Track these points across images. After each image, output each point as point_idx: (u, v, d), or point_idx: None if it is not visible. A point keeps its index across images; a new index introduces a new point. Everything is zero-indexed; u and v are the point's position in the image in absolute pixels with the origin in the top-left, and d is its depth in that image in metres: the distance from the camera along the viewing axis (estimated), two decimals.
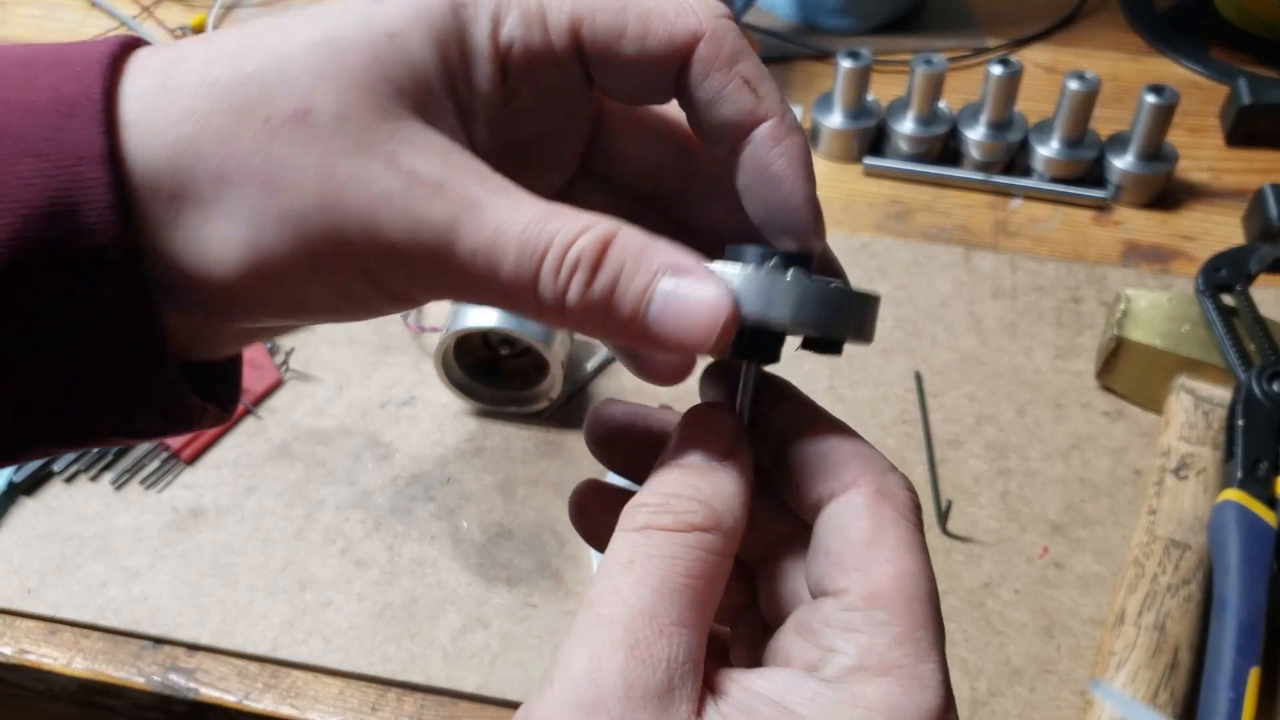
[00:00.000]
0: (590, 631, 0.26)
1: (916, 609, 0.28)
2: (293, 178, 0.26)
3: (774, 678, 0.28)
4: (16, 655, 0.55)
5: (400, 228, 0.26)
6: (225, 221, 0.26)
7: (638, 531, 0.28)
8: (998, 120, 0.79)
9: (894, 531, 0.28)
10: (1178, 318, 0.63)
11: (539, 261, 0.26)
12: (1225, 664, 0.49)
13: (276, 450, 0.63)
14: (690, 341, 0.27)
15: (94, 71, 0.26)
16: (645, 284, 0.26)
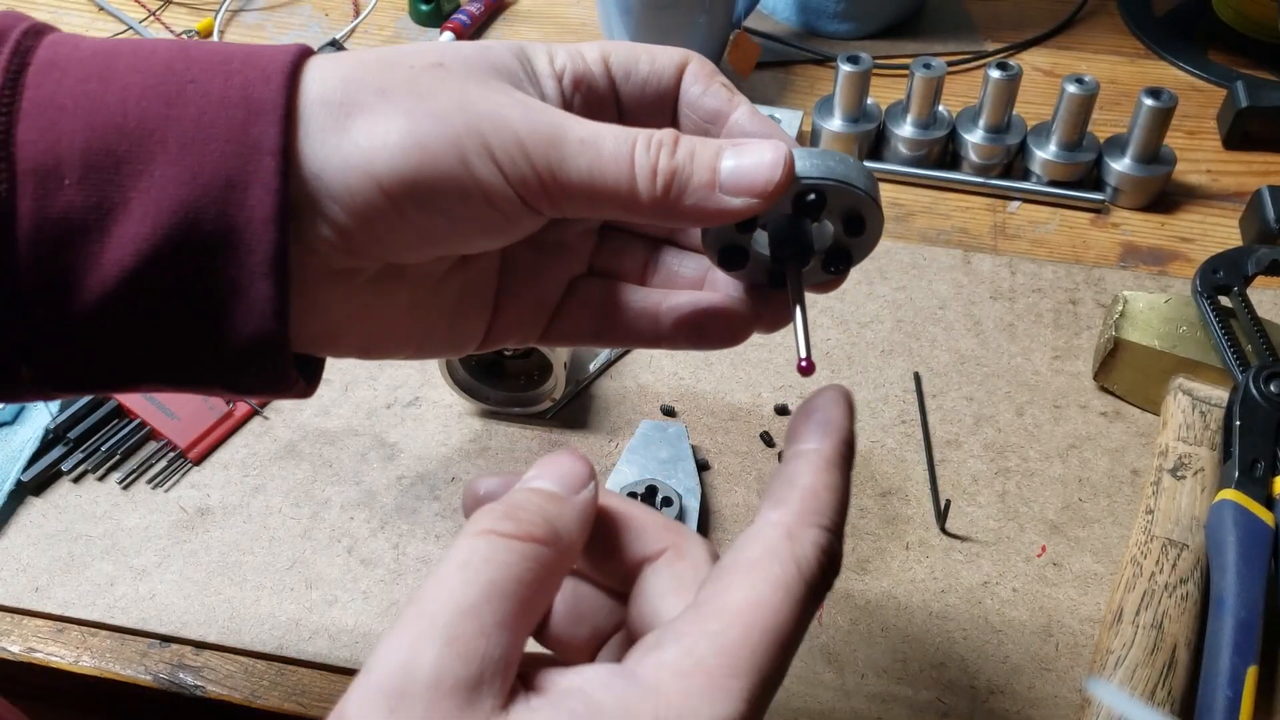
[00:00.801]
0: (412, 623, 0.27)
1: (753, 636, 0.28)
2: (439, 93, 0.32)
3: (589, 672, 0.29)
4: (24, 653, 0.56)
5: (524, 122, 0.32)
6: (387, 118, 0.32)
7: (479, 535, 0.29)
8: (996, 124, 0.79)
9: (777, 569, 0.29)
10: (1175, 319, 0.64)
11: (632, 145, 0.32)
12: (1223, 663, 0.50)
13: (283, 450, 0.64)
14: (761, 183, 0.32)
15: (278, 78, 0.32)
16: (715, 151, 0.33)
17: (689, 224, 0.34)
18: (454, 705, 0.26)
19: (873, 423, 0.65)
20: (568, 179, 0.32)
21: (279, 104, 0.31)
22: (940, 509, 0.60)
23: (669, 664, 0.28)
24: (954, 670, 0.54)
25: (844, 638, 0.55)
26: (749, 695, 0.28)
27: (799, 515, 0.31)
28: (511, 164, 0.32)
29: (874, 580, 0.57)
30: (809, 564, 0.30)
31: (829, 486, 0.31)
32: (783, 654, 0.29)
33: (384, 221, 0.32)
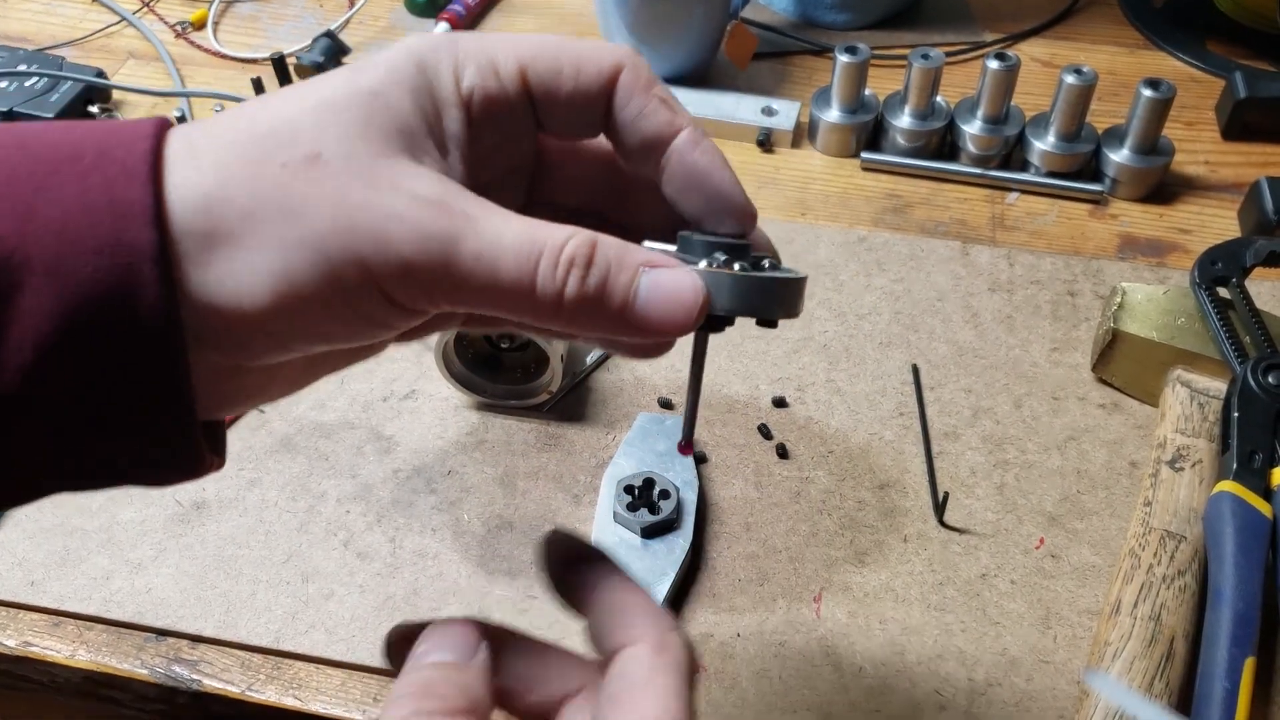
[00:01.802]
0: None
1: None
2: (311, 208, 0.29)
3: None
4: (20, 647, 0.56)
5: (409, 240, 0.29)
6: (254, 253, 0.29)
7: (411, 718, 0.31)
8: (994, 114, 0.79)
9: (664, 679, 0.32)
10: (1173, 310, 0.64)
11: (535, 261, 0.30)
12: (1220, 654, 0.50)
13: (279, 444, 0.63)
14: (674, 323, 0.31)
15: (142, 171, 0.29)
16: (631, 277, 0.31)
17: (593, 339, 0.33)
18: None
19: (870, 415, 0.65)
20: (459, 294, 0.30)
21: (148, 205, 0.28)
22: (938, 501, 0.60)
23: None
24: (952, 662, 0.54)
25: (842, 630, 0.55)
26: None
27: (654, 629, 0.33)
28: (394, 286, 0.30)
29: (872, 573, 0.57)
30: (684, 665, 0.33)
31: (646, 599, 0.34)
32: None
33: (260, 343, 0.31)
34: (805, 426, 0.64)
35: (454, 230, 0.29)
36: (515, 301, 0.30)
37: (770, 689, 0.53)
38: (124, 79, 0.90)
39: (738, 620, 0.56)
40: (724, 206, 0.35)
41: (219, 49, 0.93)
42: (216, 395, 0.33)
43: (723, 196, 0.35)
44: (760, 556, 0.58)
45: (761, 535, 0.59)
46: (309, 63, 0.88)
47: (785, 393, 0.66)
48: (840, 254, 0.74)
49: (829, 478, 0.62)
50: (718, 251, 0.33)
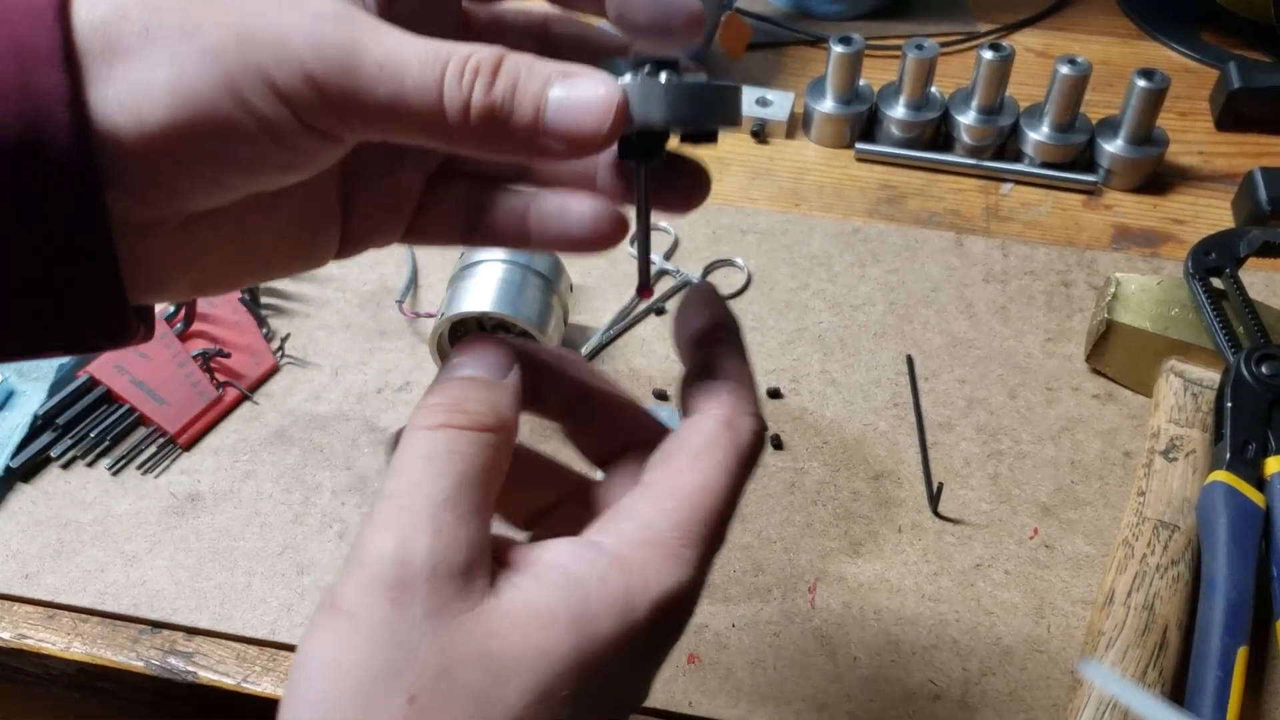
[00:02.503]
0: (395, 518, 0.30)
1: (702, 514, 0.32)
2: (209, 22, 0.28)
3: (558, 546, 0.32)
4: (15, 639, 0.55)
5: (309, 48, 0.28)
6: (151, 66, 0.28)
7: (434, 430, 0.31)
8: (989, 105, 0.79)
9: (719, 455, 0.33)
10: (1167, 301, 0.64)
11: (441, 71, 0.29)
12: (1213, 643, 0.50)
13: (274, 435, 0.63)
14: (589, 131, 0.29)
15: (47, 13, 0.28)
16: (541, 85, 0.29)
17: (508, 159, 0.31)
18: (452, 591, 0.29)
19: (865, 406, 0.65)
20: (365, 108, 0.29)
21: (56, 47, 0.27)
22: (933, 492, 0.60)
23: (629, 537, 0.31)
24: (946, 652, 0.54)
25: (836, 620, 0.55)
26: (699, 562, 0.32)
27: (733, 407, 0.34)
28: (298, 96, 0.28)
29: (866, 563, 0.58)
30: (746, 449, 0.33)
31: (748, 376, 0.35)
32: (725, 526, 0.33)
33: (168, 174, 0.29)
34: (800, 417, 0.64)
35: (355, 39, 0.28)
36: (423, 117, 0.29)
37: (765, 679, 0.53)
38: None
39: (733, 610, 0.56)
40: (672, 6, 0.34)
41: None
42: (142, 262, 0.32)
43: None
44: (755, 547, 0.58)
45: (756, 526, 0.59)
46: None
47: (780, 384, 0.66)
48: (835, 245, 0.74)
49: (824, 468, 0.62)
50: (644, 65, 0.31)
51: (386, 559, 0.29)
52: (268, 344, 0.67)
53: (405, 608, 0.29)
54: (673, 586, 0.31)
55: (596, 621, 0.30)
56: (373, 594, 0.29)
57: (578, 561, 0.31)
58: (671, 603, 0.31)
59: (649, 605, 0.30)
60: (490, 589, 0.30)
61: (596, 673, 0.30)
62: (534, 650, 0.29)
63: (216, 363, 0.66)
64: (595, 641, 0.30)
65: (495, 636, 0.29)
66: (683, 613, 0.32)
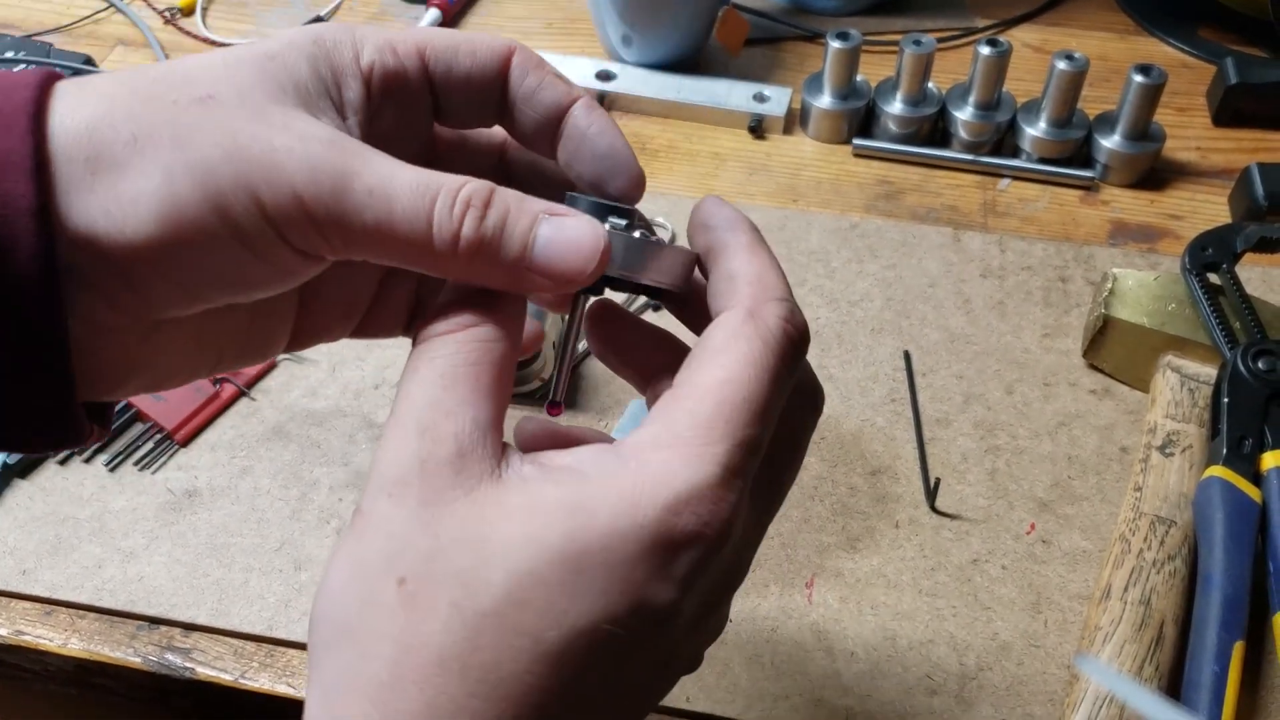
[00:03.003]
0: (391, 431, 0.31)
1: (727, 408, 0.30)
2: (201, 137, 0.28)
3: (578, 451, 0.31)
4: (13, 636, 0.55)
5: (301, 171, 0.29)
6: (139, 177, 0.28)
7: (422, 343, 0.32)
8: (986, 101, 0.79)
9: (742, 345, 0.31)
10: (1164, 296, 0.64)
11: (432, 201, 0.30)
12: (1210, 638, 0.50)
13: (271, 431, 0.63)
14: (574, 271, 0.31)
15: (20, 122, 0.28)
16: (530, 223, 0.31)
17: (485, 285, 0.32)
18: (445, 478, 0.29)
19: (862, 401, 0.65)
20: (352, 232, 0.30)
21: (26, 155, 0.27)
22: (930, 487, 0.60)
23: (648, 439, 0.30)
24: (943, 647, 0.54)
25: (833, 615, 0.55)
26: (722, 461, 0.30)
27: (753, 297, 0.32)
28: (287, 220, 0.29)
29: (864, 558, 0.58)
30: (774, 336, 0.32)
31: (767, 265, 0.34)
32: (758, 422, 0.31)
33: (146, 283, 0.30)
34: None
35: (347, 165, 0.29)
36: (410, 244, 0.30)
37: (762, 674, 0.53)
38: (113, 66, 0.90)
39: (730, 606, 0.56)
40: (617, 167, 0.35)
41: (208, 35, 0.93)
42: (102, 363, 0.32)
43: (616, 156, 0.35)
44: None
45: None
46: None
47: None
48: (832, 241, 0.74)
49: (821, 464, 0.62)
50: (611, 215, 0.33)
51: (383, 465, 0.30)
52: None
53: (402, 501, 0.29)
54: (686, 486, 0.29)
55: (594, 515, 0.29)
56: (376, 495, 0.30)
57: (590, 463, 0.30)
58: (687, 504, 0.29)
59: (659, 505, 0.29)
60: (493, 476, 0.30)
61: (596, 570, 0.28)
62: (522, 535, 0.29)
63: None
64: (590, 535, 0.28)
65: (486, 521, 0.29)
66: (707, 516, 0.29)
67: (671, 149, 0.82)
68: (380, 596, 0.29)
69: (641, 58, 0.86)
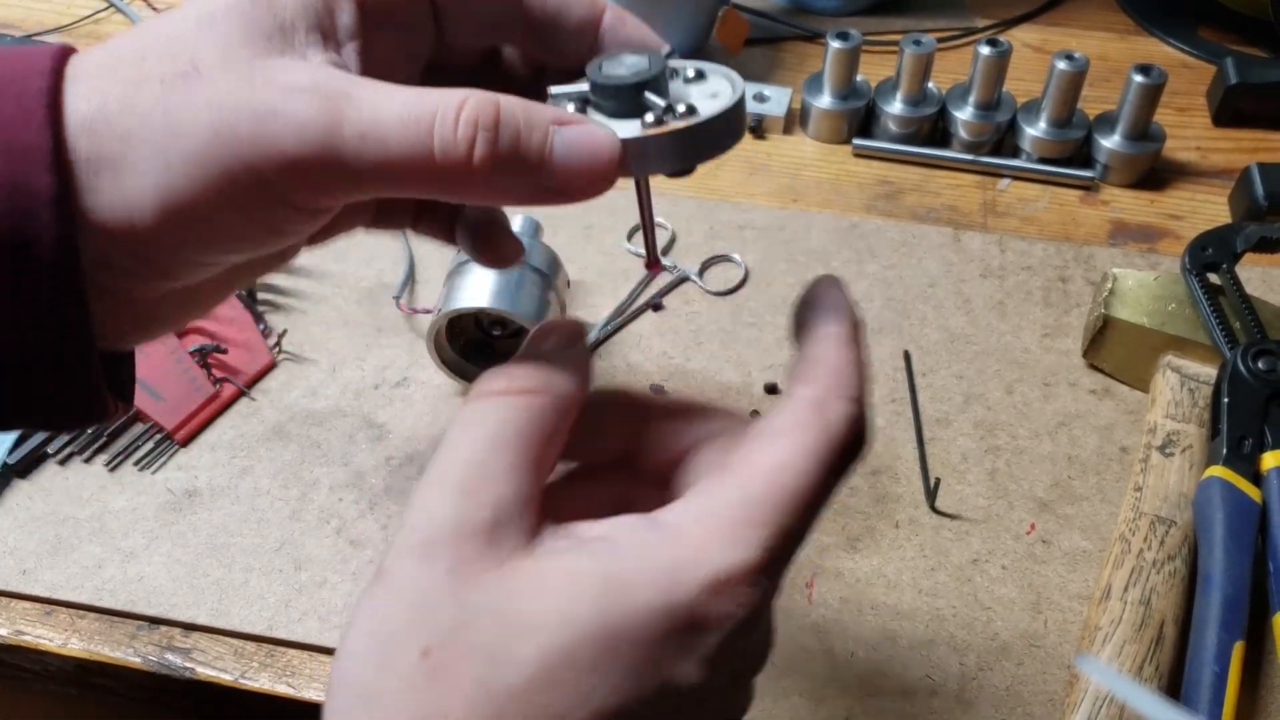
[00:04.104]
0: (430, 487, 0.30)
1: (775, 493, 0.29)
2: (189, 121, 0.29)
3: (616, 520, 0.30)
4: (13, 636, 0.55)
5: (289, 135, 0.28)
6: (136, 175, 0.29)
7: (476, 401, 0.32)
8: (986, 101, 0.79)
9: (803, 436, 0.30)
10: (1164, 296, 0.64)
11: (429, 127, 0.29)
12: (1210, 638, 0.50)
13: (271, 431, 0.63)
14: (596, 175, 0.30)
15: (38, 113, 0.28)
16: (544, 134, 0.30)
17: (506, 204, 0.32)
18: (476, 547, 0.29)
19: None
20: (355, 180, 0.30)
21: (46, 149, 0.28)
22: (930, 487, 0.60)
23: (692, 512, 0.29)
24: (943, 647, 0.54)
25: (834, 615, 0.55)
26: (766, 545, 0.29)
27: (827, 389, 0.31)
28: (285, 186, 0.29)
29: (864, 558, 0.58)
30: (837, 433, 0.31)
31: (851, 362, 0.32)
32: (805, 514, 0.30)
33: (160, 261, 0.31)
34: None
35: (332, 114, 0.29)
36: (415, 174, 0.29)
37: (763, 674, 0.53)
38: None
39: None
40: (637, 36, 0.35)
41: None
42: (124, 322, 0.32)
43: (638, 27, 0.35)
44: None
45: None
46: None
47: (778, 379, 0.66)
48: (832, 241, 0.74)
49: None
50: (647, 113, 0.32)
51: (416, 524, 0.29)
52: (265, 340, 0.67)
53: (431, 565, 0.29)
54: (727, 567, 0.28)
55: (630, 591, 0.28)
56: (405, 555, 0.29)
57: (628, 533, 0.30)
58: (726, 584, 0.28)
59: (698, 584, 0.28)
60: (525, 549, 0.29)
61: (627, 649, 0.28)
62: (555, 612, 0.28)
63: (213, 359, 0.65)
64: (626, 612, 0.28)
65: (517, 595, 0.28)
66: (743, 599, 0.29)
67: None
68: (402, 665, 0.28)
69: None
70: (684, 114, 0.32)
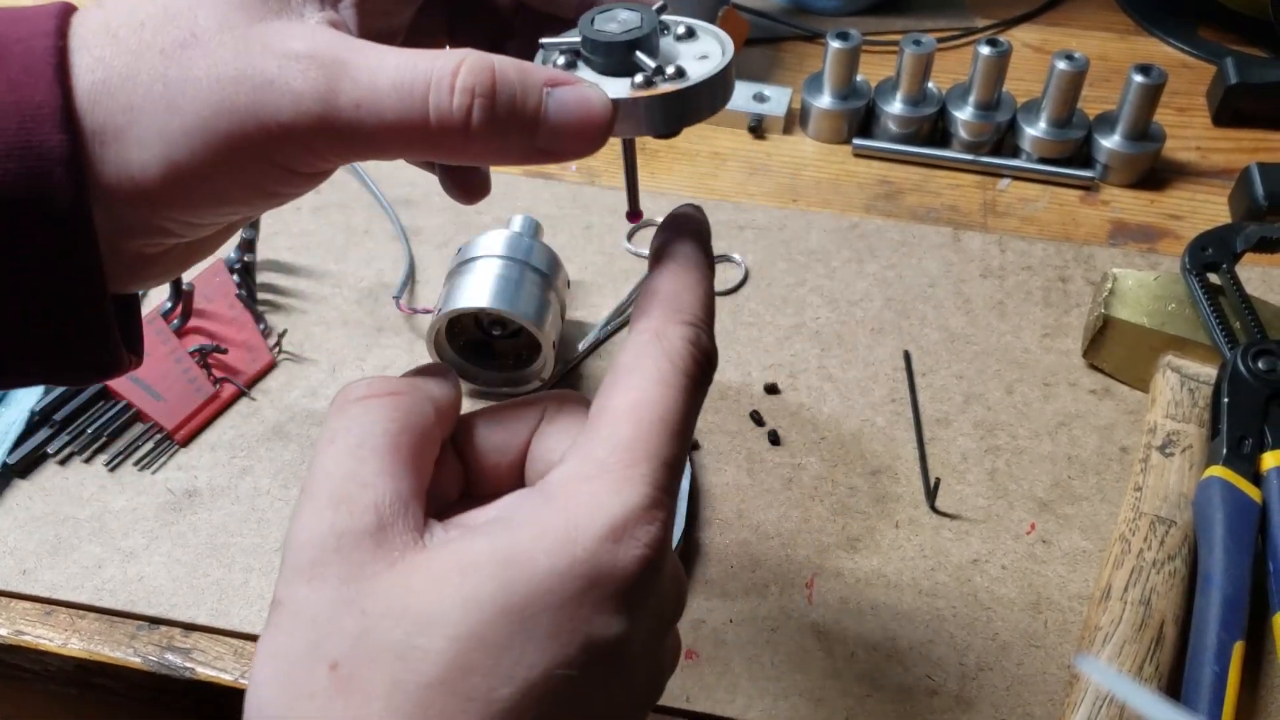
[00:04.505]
0: (303, 507, 0.30)
1: (643, 429, 0.30)
2: (190, 93, 0.29)
3: (499, 502, 0.31)
4: (13, 636, 0.55)
5: (286, 105, 0.29)
6: (139, 148, 0.29)
7: (336, 412, 0.32)
8: (986, 100, 0.79)
9: (650, 365, 0.31)
10: (1164, 296, 0.64)
11: (423, 94, 0.29)
12: (1210, 638, 0.50)
13: (271, 431, 0.63)
14: (587, 137, 0.31)
15: (46, 71, 0.29)
16: (538, 97, 0.31)
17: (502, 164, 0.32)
18: (365, 552, 0.29)
19: (862, 401, 0.65)
20: (353, 145, 0.30)
21: (56, 108, 0.29)
22: (930, 487, 0.60)
23: (572, 473, 0.30)
24: (943, 647, 0.54)
25: (833, 615, 0.55)
26: (652, 479, 0.30)
27: (662, 317, 0.32)
28: (284, 153, 0.30)
29: (864, 558, 0.58)
30: (680, 356, 0.32)
31: (687, 287, 0.33)
32: (676, 439, 0.31)
33: (165, 222, 0.32)
34: (797, 413, 0.64)
35: (328, 82, 0.29)
36: (411, 139, 0.30)
37: (763, 674, 0.53)
38: None
39: (730, 606, 0.56)
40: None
41: None
42: (134, 269, 0.33)
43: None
44: (752, 543, 0.58)
45: (753, 521, 0.59)
46: None
47: (777, 379, 0.66)
48: (832, 241, 0.74)
49: (821, 464, 0.62)
50: (637, 73, 0.33)
51: (299, 544, 0.29)
52: (265, 340, 0.67)
53: (322, 581, 0.28)
54: (621, 510, 0.29)
55: (530, 561, 0.28)
56: (294, 579, 0.29)
57: (514, 508, 0.30)
58: (625, 529, 0.29)
59: (594, 535, 0.28)
60: (416, 546, 0.29)
61: (541, 617, 0.28)
62: (457, 598, 0.27)
63: (214, 359, 0.65)
64: (529, 582, 0.28)
65: (415, 590, 0.28)
66: (646, 538, 0.29)
67: (671, 149, 0.82)
68: (312, 684, 0.27)
69: None
70: (673, 76, 0.33)
